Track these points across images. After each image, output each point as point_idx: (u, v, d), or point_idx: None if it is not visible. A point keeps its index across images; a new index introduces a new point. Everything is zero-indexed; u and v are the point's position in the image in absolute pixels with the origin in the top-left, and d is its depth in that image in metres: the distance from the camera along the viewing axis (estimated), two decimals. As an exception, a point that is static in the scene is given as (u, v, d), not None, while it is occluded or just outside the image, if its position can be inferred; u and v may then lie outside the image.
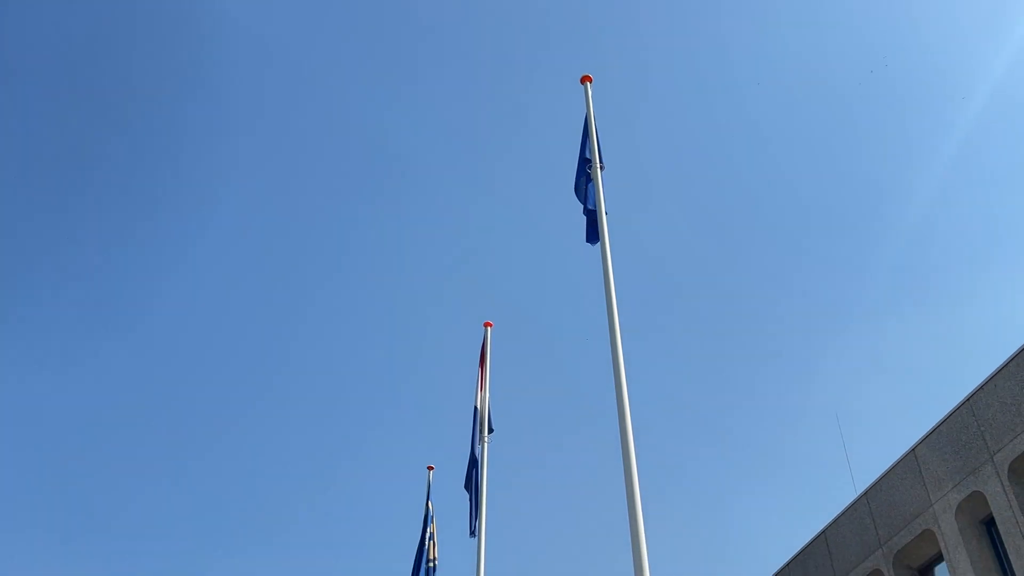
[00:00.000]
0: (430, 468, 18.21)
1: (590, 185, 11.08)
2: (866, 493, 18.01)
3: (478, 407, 14.11)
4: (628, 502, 7.96)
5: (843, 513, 18.68)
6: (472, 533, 13.05)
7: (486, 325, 15.92)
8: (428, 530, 16.40)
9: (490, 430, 14.06)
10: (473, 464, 13.70)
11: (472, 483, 13.52)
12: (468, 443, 14.66)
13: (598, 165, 11.07)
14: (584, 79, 12.52)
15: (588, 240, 10.69)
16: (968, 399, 15.64)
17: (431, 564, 15.52)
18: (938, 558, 16.36)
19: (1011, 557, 14.25)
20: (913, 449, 16.82)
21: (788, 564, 20.34)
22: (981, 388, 15.37)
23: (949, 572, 15.50)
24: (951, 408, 16.06)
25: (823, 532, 19.25)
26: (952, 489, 15.65)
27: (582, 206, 11.10)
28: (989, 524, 15.35)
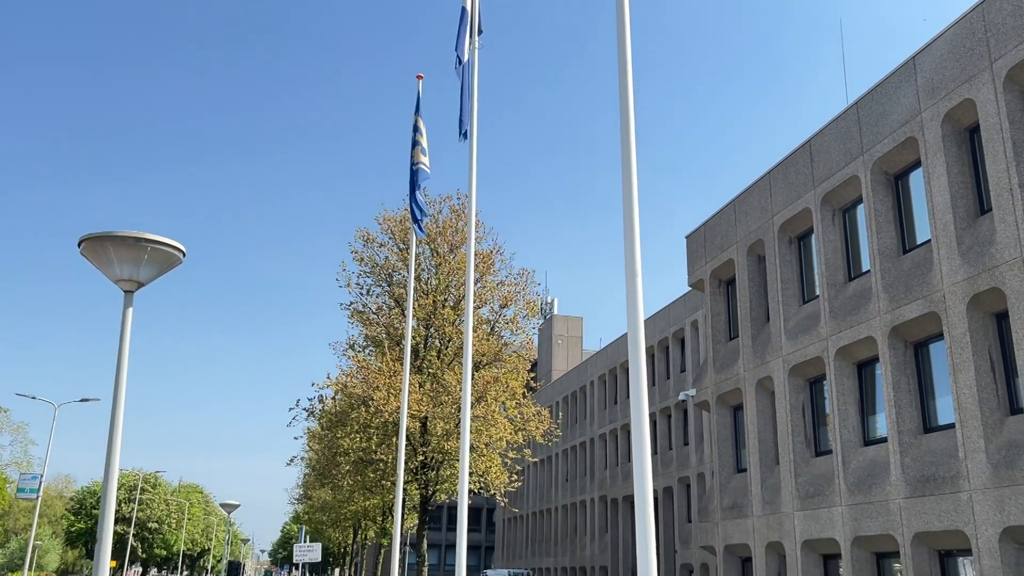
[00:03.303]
0: (419, 77, 17.89)
1: None
2: (857, 103, 18.03)
3: (466, 7, 13.39)
4: (621, 107, 7.77)
5: (830, 123, 18.89)
6: (463, 135, 13.19)
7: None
8: (417, 140, 16.59)
9: (479, 31, 13.51)
10: (462, 67, 13.38)
11: (462, 85, 13.33)
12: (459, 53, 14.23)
13: None
14: None
15: None
16: (981, 2, 14.93)
17: (417, 167, 15.96)
18: (915, 165, 16.91)
19: (987, 163, 14.70)
20: (913, 57, 16.47)
21: (770, 172, 21.09)
22: (998, -10, 14.57)
23: (924, 177, 16.12)
24: (962, 12, 15.40)
25: (807, 142, 19.65)
26: (944, 97, 15.63)
27: None
28: (973, 132, 15.61)
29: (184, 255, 6.25)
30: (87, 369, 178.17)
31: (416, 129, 16.84)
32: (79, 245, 5.99)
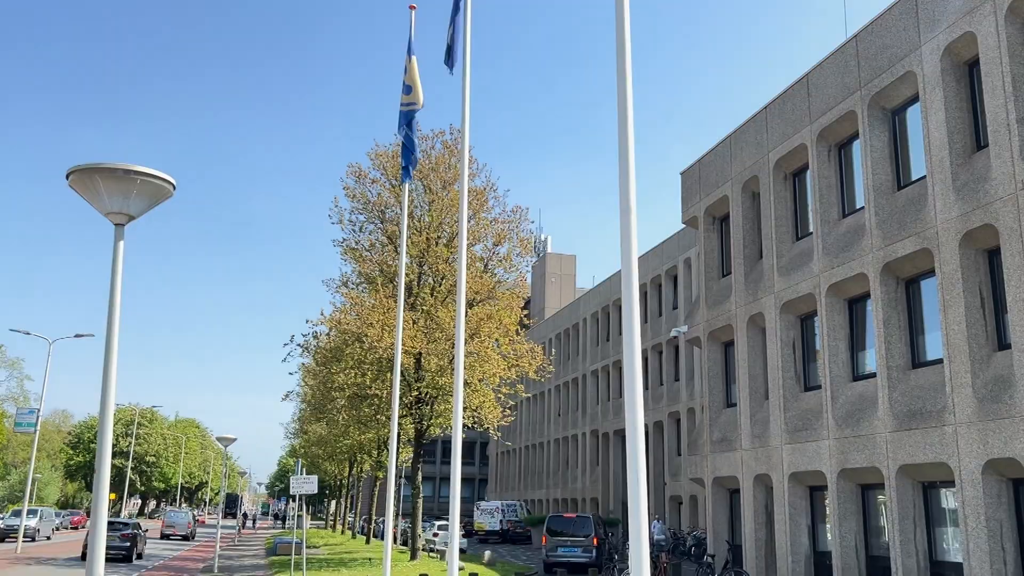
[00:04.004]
0: (412, 8, 17.45)
1: None
2: (856, 35, 17.74)
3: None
4: (617, 44, 7.54)
5: (829, 57, 18.62)
6: (448, 63, 12.94)
7: None
8: (404, 81, 16.27)
9: (475, -42, 13.13)
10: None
11: (455, 12, 13.01)
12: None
13: None
14: None
15: None
16: (987, -69, 14.57)
17: (403, 108, 15.68)
18: (913, 100, 16.74)
19: (985, 97, 14.56)
20: (915, -12, 16.15)
21: (767, 107, 20.87)
22: (1004, -81, 14.21)
23: (921, 112, 15.98)
24: (966, -58, 15.03)
25: (805, 76, 19.39)
26: (945, 29, 15.38)
27: None
28: (972, 66, 15.41)
29: (174, 187, 6.18)
30: (82, 304, 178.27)
31: (405, 70, 16.50)
32: (67, 177, 5.92)
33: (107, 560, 26.72)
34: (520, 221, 29.04)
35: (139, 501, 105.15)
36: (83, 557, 28.40)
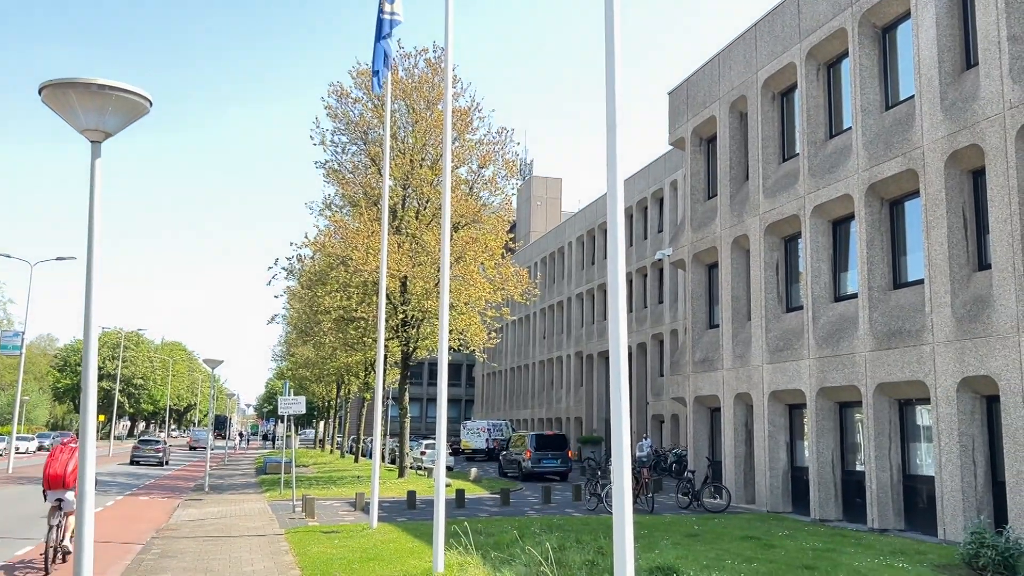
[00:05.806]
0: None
1: None
2: (849, -50, 17.29)
3: None
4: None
5: (821, -28, 18.18)
6: None
7: None
8: None
9: None
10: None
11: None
12: None
13: None
14: None
15: None
16: None
17: (387, 17, 15.28)
18: (905, 16, 16.46)
19: (977, 14, 14.33)
20: (911, -100, 15.68)
21: (756, 24, 20.47)
22: None
23: (913, 29, 15.73)
24: None
25: (796, -8, 18.97)
26: (940, -56, 15.01)
27: None
28: (966, -19, 15.11)
29: (151, 104, 6.02)
30: (65, 228, 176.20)
31: None
32: (40, 93, 5.75)
33: (147, 465, 41.81)
34: (505, 143, 28.72)
35: (128, 423, 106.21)
36: (132, 462, 41.84)
